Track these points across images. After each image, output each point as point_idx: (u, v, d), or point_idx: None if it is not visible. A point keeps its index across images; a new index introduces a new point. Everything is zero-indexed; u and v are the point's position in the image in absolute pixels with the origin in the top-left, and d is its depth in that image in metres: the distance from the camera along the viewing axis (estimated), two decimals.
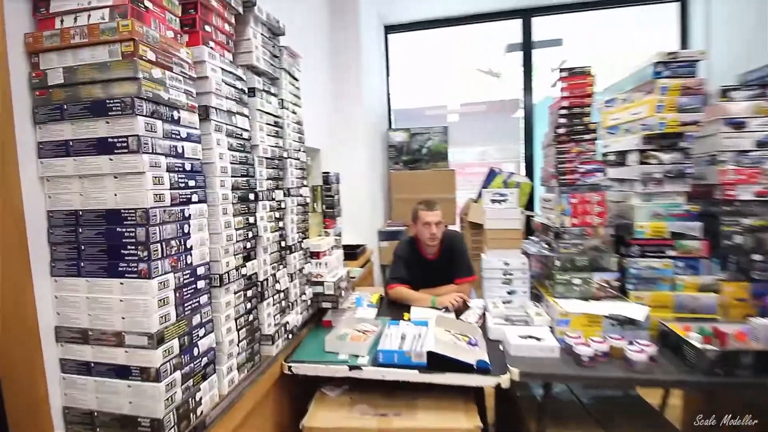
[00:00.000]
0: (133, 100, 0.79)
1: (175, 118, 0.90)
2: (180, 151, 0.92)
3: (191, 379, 0.94)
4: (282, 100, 1.47)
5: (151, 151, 0.83)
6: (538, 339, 1.43)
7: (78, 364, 0.87)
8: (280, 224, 1.42)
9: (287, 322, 1.42)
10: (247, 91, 1.21)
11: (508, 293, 1.85)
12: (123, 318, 0.84)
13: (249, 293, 1.20)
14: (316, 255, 1.75)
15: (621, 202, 1.78)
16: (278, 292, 1.39)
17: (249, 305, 1.20)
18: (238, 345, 1.13)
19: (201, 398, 0.97)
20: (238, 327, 1.14)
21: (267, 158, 1.32)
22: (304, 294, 1.62)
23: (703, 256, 1.55)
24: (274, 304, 1.36)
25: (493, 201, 1.88)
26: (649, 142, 1.60)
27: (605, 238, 1.66)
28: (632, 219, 1.63)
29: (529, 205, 3.47)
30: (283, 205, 1.44)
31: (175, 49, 0.91)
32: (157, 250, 0.84)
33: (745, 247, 1.54)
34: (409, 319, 1.85)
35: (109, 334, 0.85)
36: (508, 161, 3.94)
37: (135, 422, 0.84)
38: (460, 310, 1.89)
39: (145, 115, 0.82)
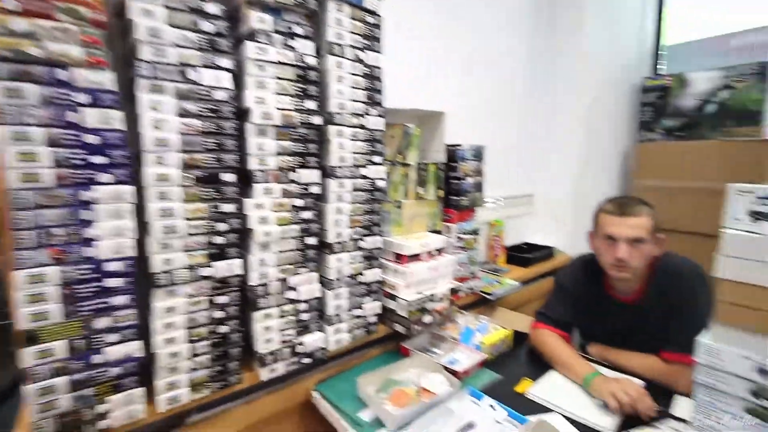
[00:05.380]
0: None
1: (61, 78, 0.73)
2: (72, 119, 0.74)
3: (90, 388, 0.81)
4: (331, 43, 1.06)
5: (14, 122, 0.69)
6: None
7: None
8: (306, 215, 1.07)
9: (301, 343, 1.09)
10: (227, 34, 0.90)
11: None
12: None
13: (222, 299, 0.95)
14: (399, 258, 1.29)
15: None
16: (292, 302, 1.07)
17: (220, 314, 0.96)
18: (192, 359, 0.93)
19: (107, 412, 0.83)
20: (193, 338, 0.92)
21: (277, 126, 0.99)
22: (360, 308, 1.23)
23: None
24: (281, 317, 1.06)
25: (758, 216, 0.79)
26: None
27: None
28: None
29: None
30: (315, 190, 1.08)
31: None
32: (22, 239, 0.72)
33: None
34: (522, 393, 1.13)
35: None
36: None
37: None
38: (638, 419, 0.98)
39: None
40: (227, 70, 0.90)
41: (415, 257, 1.31)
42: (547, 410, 1.04)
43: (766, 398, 0.76)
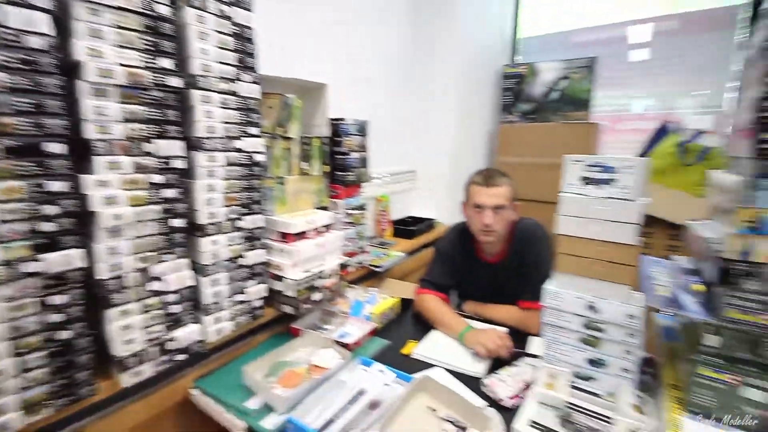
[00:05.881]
0: None
1: None
2: None
3: None
4: None
5: None
6: None
7: None
8: (168, 193, 0.93)
9: (173, 338, 0.97)
10: None
11: (592, 363, 0.96)
12: None
13: (58, 299, 0.78)
14: (284, 237, 1.23)
15: None
16: (157, 293, 0.94)
17: (58, 317, 0.78)
18: (21, 376, 0.74)
19: None
20: (21, 350, 0.74)
21: (122, 87, 0.82)
22: (243, 293, 1.14)
23: None
24: (145, 312, 0.92)
25: (587, 180, 0.95)
26: None
27: None
28: None
29: None
30: (178, 165, 0.94)
31: None
32: None
33: None
34: (408, 354, 1.20)
35: None
36: (707, 111, 2.44)
37: None
38: (503, 360, 1.12)
39: None
40: (43, 10, 0.71)
41: (302, 235, 1.26)
42: (430, 366, 1.13)
43: (593, 329, 0.94)
